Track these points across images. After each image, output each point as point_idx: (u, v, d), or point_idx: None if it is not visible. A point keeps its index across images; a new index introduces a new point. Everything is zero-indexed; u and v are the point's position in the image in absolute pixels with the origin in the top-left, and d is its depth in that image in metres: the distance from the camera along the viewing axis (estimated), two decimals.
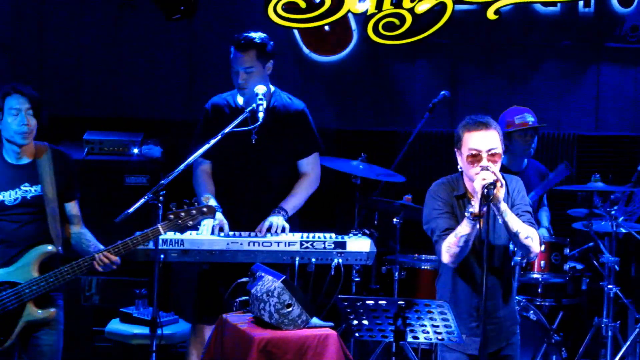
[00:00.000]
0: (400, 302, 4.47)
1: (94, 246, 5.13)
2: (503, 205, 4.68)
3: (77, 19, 7.94)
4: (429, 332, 4.55)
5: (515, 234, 4.73)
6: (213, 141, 5.46)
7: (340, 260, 5.60)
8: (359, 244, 5.66)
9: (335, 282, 5.54)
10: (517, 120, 6.95)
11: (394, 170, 7.12)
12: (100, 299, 6.97)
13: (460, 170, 4.88)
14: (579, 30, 8.03)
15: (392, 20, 7.76)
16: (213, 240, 5.59)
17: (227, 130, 5.50)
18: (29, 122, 5.02)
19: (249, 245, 5.60)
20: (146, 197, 5.04)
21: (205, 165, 5.92)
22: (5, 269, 4.96)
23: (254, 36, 5.82)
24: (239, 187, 5.89)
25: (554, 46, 8.09)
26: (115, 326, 6.63)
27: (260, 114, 5.61)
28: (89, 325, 6.87)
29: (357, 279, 6.76)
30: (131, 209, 4.99)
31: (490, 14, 7.74)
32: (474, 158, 4.75)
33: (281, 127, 5.86)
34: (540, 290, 6.68)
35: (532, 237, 4.78)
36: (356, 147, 7.25)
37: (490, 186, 4.56)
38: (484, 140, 4.74)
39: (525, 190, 5.00)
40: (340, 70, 8.07)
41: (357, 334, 4.64)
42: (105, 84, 8.01)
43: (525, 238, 4.75)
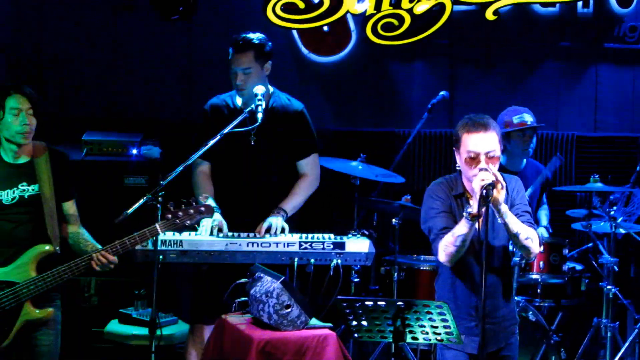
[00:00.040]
0: (399, 303, 4.47)
1: (92, 246, 5.11)
2: (504, 207, 4.68)
3: (76, 20, 7.94)
4: (428, 333, 4.55)
5: (516, 235, 4.74)
6: (212, 142, 5.45)
7: (339, 261, 5.59)
8: (358, 244, 5.65)
9: (334, 283, 5.53)
10: (516, 120, 6.94)
11: (393, 170, 7.13)
12: (99, 299, 6.97)
13: (458, 169, 4.88)
14: (577, 30, 8.04)
15: (391, 20, 7.76)
16: (212, 241, 5.58)
17: (226, 130, 5.50)
18: (30, 122, 5.02)
19: (247, 246, 5.59)
20: (145, 198, 5.04)
21: (204, 166, 5.91)
22: (3, 269, 4.94)
23: (252, 37, 5.81)
24: (238, 188, 5.88)
25: (553, 47, 8.09)
26: (114, 327, 6.63)
27: (260, 115, 5.60)
28: (88, 326, 6.86)
29: (356, 280, 6.77)
30: (130, 210, 4.99)
31: (489, 15, 7.73)
32: (473, 160, 4.75)
33: (280, 128, 5.85)
34: (539, 290, 6.68)
35: (532, 238, 4.79)
36: (355, 148, 7.25)
37: (489, 187, 4.56)
38: (482, 142, 4.74)
39: (524, 190, 5.01)
40: (339, 71, 8.06)
41: (356, 335, 4.63)
42: (104, 85, 8.01)
43: (525, 239, 4.75)
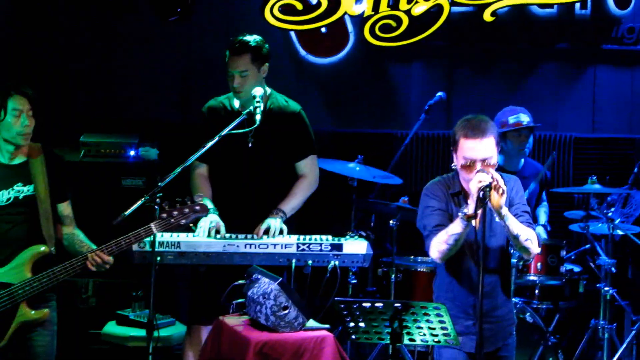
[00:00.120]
0: (396, 304, 4.47)
1: (87, 247, 5.10)
2: (504, 210, 4.68)
3: (75, 21, 7.94)
4: (425, 335, 4.55)
5: (516, 237, 4.74)
6: (209, 144, 5.45)
7: (336, 262, 5.59)
8: (356, 246, 5.65)
9: (331, 285, 5.53)
10: (512, 120, 6.94)
11: (390, 172, 7.12)
12: (96, 301, 6.97)
13: (455, 168, 4.87)
14: (575, 32, 8.04)
15: (389, 22, 7.76)
16: (210, 242, 5.58)
17: (224, 132, 5.49)
18: (30, 123, 5.02)
19: (245, 247, 5.59)
20: (143, 200, 5.04)
21: (202, 169, 5.91)
22: None
23: (248, 39, 5.80)
24: (236, 190, 5.88)
25: (551, 48, 8.10)
26: (111, 328, 6.62)
27: (258, 117, 5.59)
28: (86, 327, 6.85)
29: (354, 281, 6.77)
30: (128, 211, 4.98)
31: (487, 16, 7.74)
32: (469, 167, 4.75)
33: (277, 130, 5.84)
34: (537, 292, 6.67)
35: (532, 239, 4.80)
36: (353, 149, 7.25)
37: (486, 188, 4.56)
38: (478, 150, 4.73)
39: (523, 190, 5.01)
40: (336, 72, 8.06)
41: (354, 336, 4.63)
42: (102, 86, 8.00)
43: (525, 240, 4.76)
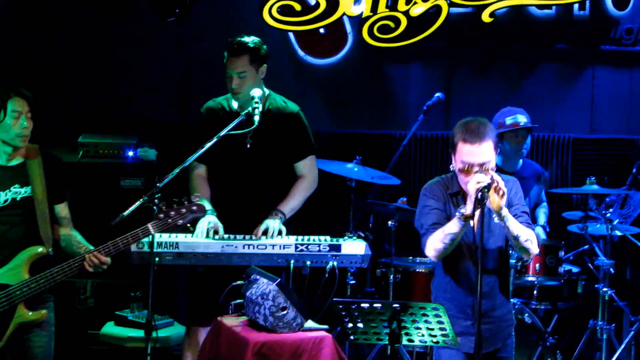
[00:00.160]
0: (395, 305, 4.47)
1: (84, 248, 5.09)
2: (504, 211, 4.68)
3: (74, 21, 7.93)
4: (424, 335, 4.55)
5: (516, 238, 4.75)
6: (208, 145, 5.45)
7: (335, 263, 5.60)
8: (354, 246, 5.65)
9: (330, 285, 5.53)
10: (509, 121, 6.95)
11: (389, 172, 7.13)
12: (95, 302, 6.96)
13: (453, 169, 4.87)
14: (574, 33, 8.04)
15: (387, 23, 7.76)
16: (208, 243, 5.58)
17: (223, 133, 5.49)
18: (29, 125, 5.02)
19: (243, 248, 5.59)
20: (141, 200, 5.04)
21: (200, 169, 5.91)
22: None
23: (247, 40, 5.80)
24: (234, 191, 5.88)
25: (549, 49, 8.10)
26: (110, 329, 6.63)
27: (256, 117, 5.59)
28: (84, 328, 6.85)
29: (352, 282, 6.77)
30: (126, 212, 4.98)
31: (485, 17, 7.73)
32: (467, 171, 4.75)
33: (276, 130, 5.84)
34: (535, 293, 6.67)
35: (532, 240, 4.80)
36: (351, 150, 7.25)
37: (484, 190, 4.56)
38: (476, 154, 4.72)
39: (522, 191, 5.00)
40: (335, 73, 8.06)
41: (352, 337, 4.63)
42: (101, 86, 8.00)
43: (525, 241, 4.77)
